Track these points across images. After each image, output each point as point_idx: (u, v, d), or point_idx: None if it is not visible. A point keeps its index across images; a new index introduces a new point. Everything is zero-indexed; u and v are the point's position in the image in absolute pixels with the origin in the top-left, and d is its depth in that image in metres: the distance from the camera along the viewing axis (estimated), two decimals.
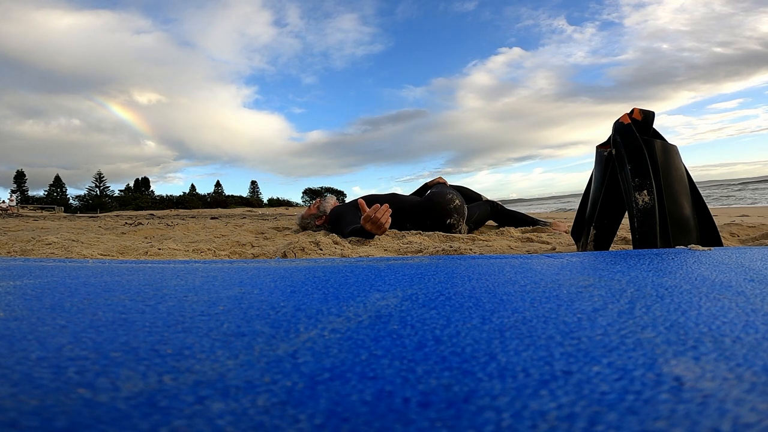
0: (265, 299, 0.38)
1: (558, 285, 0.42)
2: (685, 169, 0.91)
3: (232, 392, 0.19)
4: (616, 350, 0.24)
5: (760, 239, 1.28)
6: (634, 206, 0.85)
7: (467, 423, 0.16)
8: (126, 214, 15.71)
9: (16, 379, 0.21)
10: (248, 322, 0.31)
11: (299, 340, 0.27)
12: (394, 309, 0.34)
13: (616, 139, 0.92)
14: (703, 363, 0.22)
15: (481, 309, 0.33)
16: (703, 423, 0.16)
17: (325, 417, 0.17)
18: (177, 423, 0.17)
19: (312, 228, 2.10)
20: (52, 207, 34.17)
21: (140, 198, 55.75)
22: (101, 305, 0.37)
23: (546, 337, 0.26)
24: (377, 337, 0.27)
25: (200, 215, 9.95)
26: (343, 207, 1.93)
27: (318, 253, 1.12)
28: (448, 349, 0.25)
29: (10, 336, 0.28)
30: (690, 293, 0.37)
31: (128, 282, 0.48)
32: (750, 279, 0.43)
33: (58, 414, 0.17)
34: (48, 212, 18.06)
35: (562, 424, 0.16)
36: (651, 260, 0.57)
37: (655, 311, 0.31)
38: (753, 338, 0.25)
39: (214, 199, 60.49)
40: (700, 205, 0.89)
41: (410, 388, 0.20)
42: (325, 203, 2.11)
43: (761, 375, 0.20)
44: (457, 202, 1.78)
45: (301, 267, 0.61)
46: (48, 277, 0.53)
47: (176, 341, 0.27)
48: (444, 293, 0.39)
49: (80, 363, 0.23)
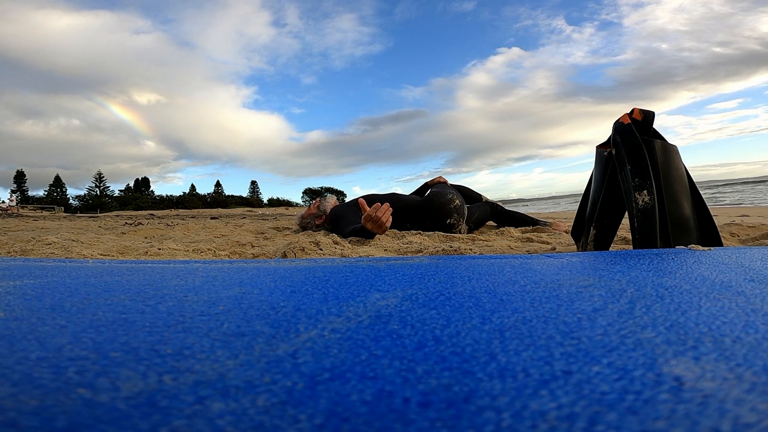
0: (265, 299, 0.38)
1: (558, 285, 0.42)
2: (685, 169, 0.91)
3: (232, 392, 0.19)
4: (616, 350, 0.24)
5: (760, 239, 1.28)
6: (634, 206, 0.85)
7: (467, 423, 0.16)
8: (126, 214, 15.71)
9: (16, 379, 0.21)
10: (248, 322, 0.31)
11: (299, 340, 0.27)
12: (394, 309, 0.34)
13: (616, 139, 0.92)
14: (703, 363, 0.22)
15: (481, 309, 0.33)
16: (703, 423, 0.16)
17: (325, 417, 0.17)
18: (177, 423, 0.17)
19: (312, 228, 2.09)
20: (52, 207, 34.16)
21: (140, 198, 55.75)
22: (101, 305, 0.37)
23: (546, 337, 0.26)
24: (377, 337, 0.27)
25: (200, 215, 9.95)
26: (343, 207, 1.93)
27: (318, 253, 1.12)
28: (448, 349, 0.25)
29: (10, 336, 0.28)
30: (690, 293, 0.37)
31: (128, 282, 0.48)
32: (750, 279, 0.43)
33: (58, 414, 0.17)
34: (48, 212, 18.06)
35: (562, 424, 0.16)
36: (651, 260, 0.57)
37: (655, 311, 0.31)
38: (753, 338, 0.25)
39: (214, 199, 60.48)
40: (700, 205, 0.89)
41: (410, 388, 0.20)
42: (325, 203, 2.11)
43: (761, 375, 0.20)
44: (457, 202, 1.78)
45: (301, 267, 0.61)
46: (48, 277, 0.53)
47: (176, 341, 0.27)
48: (444, 293, 0.39)
49: (80, 363, 0.23)
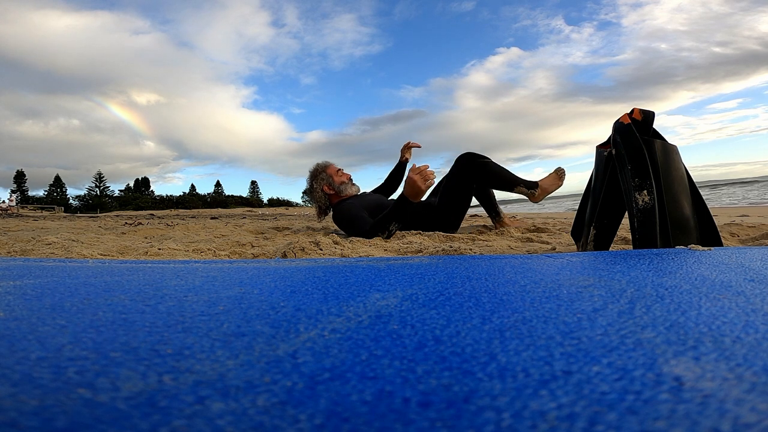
0: (265, 299, 0.38)
1: (558, 285, 0.42)
2: (685, 169, 0.91)
3: (232, 392, 0.19)
4: (616, 350, 0.24)
5: (760, 239, 1.28)
6: (634, 206, 0.85)
7: (467, 423, 0.16)
8: (126, 214, 15.72)
9: (16, 379, 0.21)
10: (248, 322, 0.31)
11: (299, 340, 0.27)
12: (394, 309, 0.34)
13: (616, 139, 0.92)
14: (703, 363, 0.22)
15: (481, 309, 0.33)
16: (703, 423, 0.16)
17: (325, 417, 0.17)
18: (177, 423, 0.17)
19: (322, 203, 1.97)
20: (52, 207, 34.16)
21: (140, 198, 55.74)
22: (101, 305, 0.37)
23: (546, 337, 0.26)
24: (377, 337, 0.27)
25: (200, 215, 9.95)
26: (353, 209, 1.77)
27: (318, 253, 1.12)
28: (448, 349, 0.25)
29: (10, 336, 0.28)
30: (690, 293, 0.37)
31: (128, 282, 0.48)
32: (750, 279, 0.43)
33: (58, 414, 0.17)
34: (48, 212, 18.06)
35: (562, 424, 0.16)
36: (651, 260, 0.57)
37: (655, 311, 0.31)
38: (753, 338, 0.25)
39: (214, 199, 60.46)
40: (700, 205, 0.89)
41: (410, 388, 0.20)
42: (348, 187, 1.96)
43: (761, 375, 0.20)
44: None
45: (301, 267, 0.61)
46: (48, 277, 0.53)
47: (176, 341, 0.27)
48: (444, 293, 0.39)
49: (80, 363, 0.23)
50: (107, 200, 56.09)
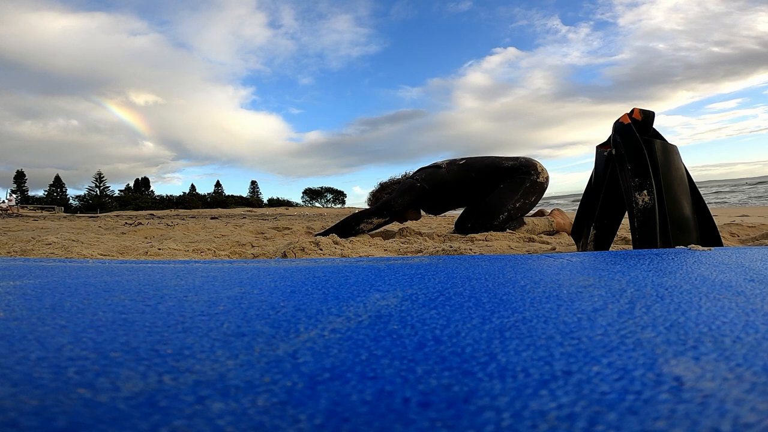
0: (265, 299, 0.38)
1: (558, 285, 0.42)
2: (685, 169, 0.91)
3: (232, 392, 0.19)
4: (616, 350, 0.24)
5: (760, 239, 1.28)
6: (634, 206, 0.85)
7: (467, 423, 0.16)
8: (126, 214, 15.72)
9: (16, 379, 0.21)
10: (248, 322, 0.31)
11: (299, 340, 0.27)
12: (394, 309, 0.34)
13: (616, 139, 0.92)
14: (703, 363, 0.22)
15: (481, 309, 0.33)
16: (703, 423, 0.16)
17: (325, 417, 0.17)
18: (177, 423, 0.17)
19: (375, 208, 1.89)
20: (52, 207, 34.17)
21: (140, 198, 55.72)
22: (101, 305, 0.37)
23: (546, 337, 0.26)
24: (377, 337, 0.27)
25: (200, 215, 9.95)
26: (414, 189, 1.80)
27: (318, 253, 1.12)
28: (448, 349, 0.25)
29: (10, 336, 0.28)
30: (690, 293, 0.37)
31: (128, 282, 0.48)
32: (750, 279, 0.43)
33: (58, 414, 0.17)
34: (48, 212, 18.06)
35: (562, 424, 0.16)
36: (651, 260, 0.57)
37: (655, 311, 0.31)
38: (753, 338, 0.25)
39: (214, 199, 60.43)
40: (700, 205, 0.89)
41: (410, 388, 0.20)
42: (399, 199, 1.82)
43: (761, 375, 0.20)
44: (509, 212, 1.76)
45: (301, 267, 0.61)
46: (48, 277, 0.53)
47: (176, 341, 0.27)
48: (444, 293, 0.39)
49: (80, 363, 0.23)
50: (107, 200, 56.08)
